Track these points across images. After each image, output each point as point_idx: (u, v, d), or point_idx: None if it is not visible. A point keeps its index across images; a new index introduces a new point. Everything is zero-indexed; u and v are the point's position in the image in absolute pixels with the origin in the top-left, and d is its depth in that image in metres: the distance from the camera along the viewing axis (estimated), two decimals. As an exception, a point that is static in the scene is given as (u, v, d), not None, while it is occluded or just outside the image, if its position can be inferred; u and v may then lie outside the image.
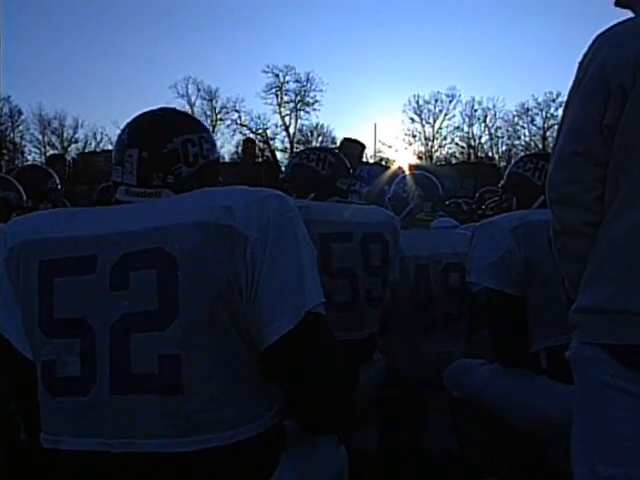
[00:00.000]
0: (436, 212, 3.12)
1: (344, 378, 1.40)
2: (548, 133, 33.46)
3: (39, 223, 1.45)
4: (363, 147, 5.77)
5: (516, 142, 34.51)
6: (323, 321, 1.37)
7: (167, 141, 1.49)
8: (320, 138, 36.54)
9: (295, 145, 36.17)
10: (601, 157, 1.46)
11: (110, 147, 29.52)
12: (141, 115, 1.56)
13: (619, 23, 1.48)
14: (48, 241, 1.39)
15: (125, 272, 1.32)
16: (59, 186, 3.70)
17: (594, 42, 1.50)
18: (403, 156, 35.13)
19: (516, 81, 46.20)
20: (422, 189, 3.09)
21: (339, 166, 2.50)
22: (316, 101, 35.79)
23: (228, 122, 35.92)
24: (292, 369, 1.37)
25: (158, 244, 1.31)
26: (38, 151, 31.92)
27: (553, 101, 33.46)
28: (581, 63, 1.52)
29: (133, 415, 1.30)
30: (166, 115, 1.56)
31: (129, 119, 1.57)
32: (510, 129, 35.05)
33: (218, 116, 35.61)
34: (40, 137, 32.26)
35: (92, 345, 1.32)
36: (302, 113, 36.63)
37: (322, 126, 37.10)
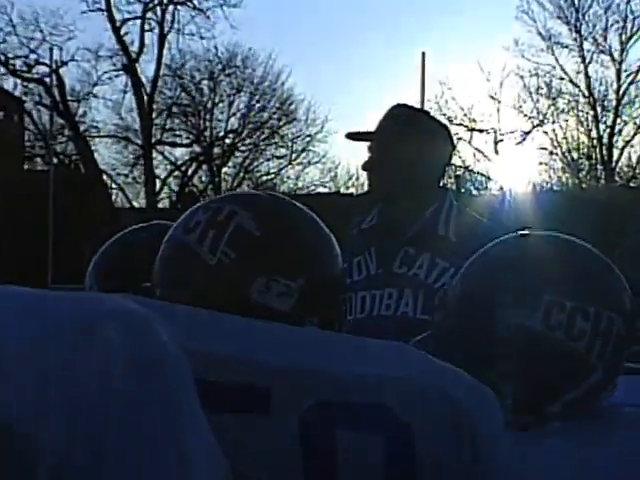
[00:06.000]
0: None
1: None
2: None
3: None
4: (453, 146, 2.73)
5: None
6: None
7: None
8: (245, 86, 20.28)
9: (158, 99, 20.44)
10: None
11: None
12: None
13: None
14: None
15: None
16: None
17: None
18: (515, 160, 22.10)
19: None
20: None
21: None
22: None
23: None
24: None
25: None
26: None
27: None
28: None
29: None
30: None
31: None
32: None
33: None
34: None
35: None
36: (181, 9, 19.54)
37: (249, 56, 20.83)
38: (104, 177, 22.02)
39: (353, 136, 2.70)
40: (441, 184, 2.70)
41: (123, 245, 1.76)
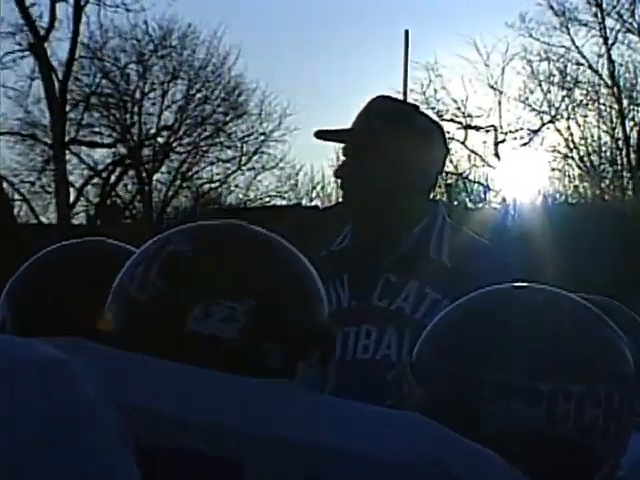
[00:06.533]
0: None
1: None
2: None
3: None
4: (447, 150, 2.90)
5: None
6: None
7: None
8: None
9: (72, 88, 21.56)
10: None
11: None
12: None
13: None
14: None
15: None
16: None
17: None
18: (520, 166, 22.80)
19: None
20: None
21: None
22: None
23: None
24: None
25: None
26: None
27: None
28: None
29: None
30: None
31: None
32: None
33: None
34: None
35: None
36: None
37: (187, 34, 22.30)
38: (4, 185, 21.66)
39: (323, 135, 2.78)
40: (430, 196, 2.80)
41: (46, 267, 1.77)
